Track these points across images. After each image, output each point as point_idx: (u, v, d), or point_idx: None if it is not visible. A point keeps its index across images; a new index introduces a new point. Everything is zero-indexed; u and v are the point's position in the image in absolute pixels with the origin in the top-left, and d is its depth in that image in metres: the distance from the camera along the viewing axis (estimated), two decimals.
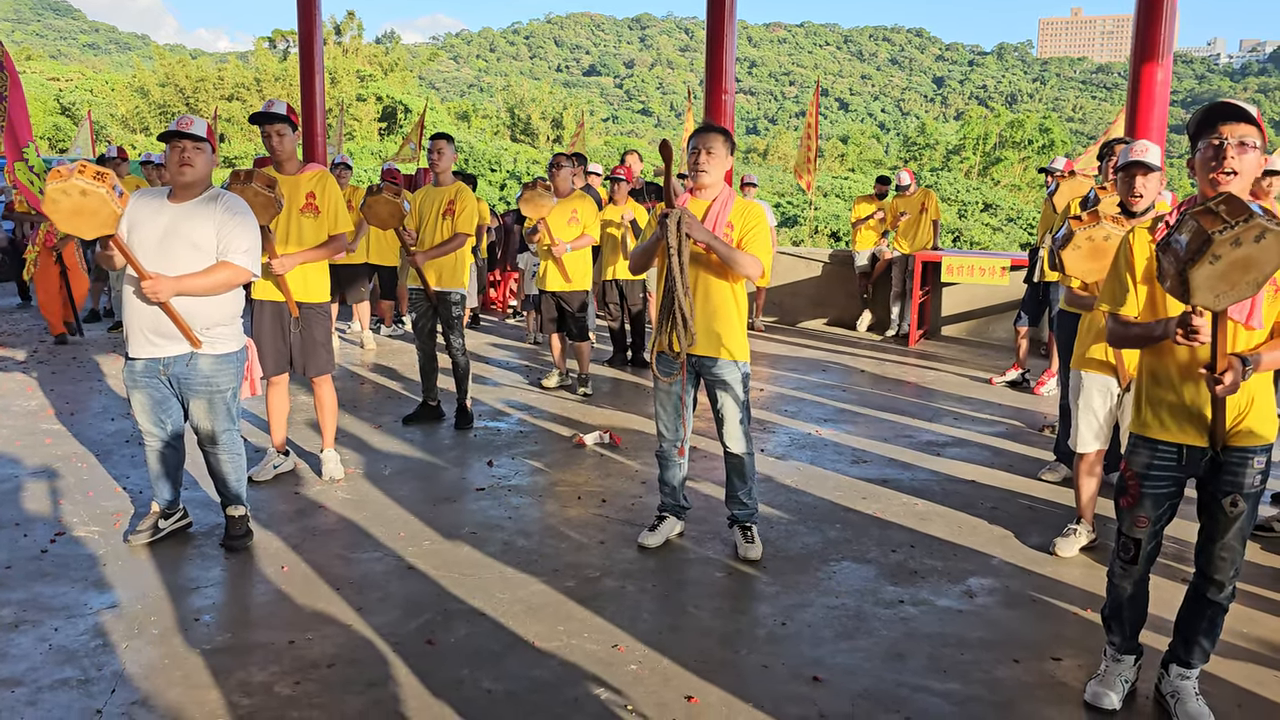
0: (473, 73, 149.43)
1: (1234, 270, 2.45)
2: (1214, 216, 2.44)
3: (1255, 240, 2.41)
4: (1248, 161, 2.74)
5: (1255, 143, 2.74)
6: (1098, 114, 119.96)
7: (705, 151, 4.15)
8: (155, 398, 4.25)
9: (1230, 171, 2.74)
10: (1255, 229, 2.40)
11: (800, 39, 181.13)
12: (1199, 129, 2.82)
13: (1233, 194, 2.49)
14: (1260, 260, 2.43)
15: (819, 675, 3.30)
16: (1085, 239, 4.12)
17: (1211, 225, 2.43)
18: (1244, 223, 2.40)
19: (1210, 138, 2.77)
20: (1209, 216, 2.45)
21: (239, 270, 4.15)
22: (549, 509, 5.01)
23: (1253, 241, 2.41)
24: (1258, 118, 2.77)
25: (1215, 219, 2.44)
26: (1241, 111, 2.75)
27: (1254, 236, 2.40)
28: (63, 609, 3.72)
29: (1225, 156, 2.73)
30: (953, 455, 6.10)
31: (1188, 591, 3.10)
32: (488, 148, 47.31)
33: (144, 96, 48.12)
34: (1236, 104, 2.78)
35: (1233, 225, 2.41)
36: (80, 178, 3.69)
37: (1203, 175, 2.81)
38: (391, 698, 3.13)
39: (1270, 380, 2.94)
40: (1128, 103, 8.48)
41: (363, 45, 57.50)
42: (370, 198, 6.07)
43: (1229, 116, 2.76)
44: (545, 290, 7.58)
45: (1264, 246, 2.42)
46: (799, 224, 39.45)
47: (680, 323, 4.05)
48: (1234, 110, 2.76)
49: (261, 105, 5.24)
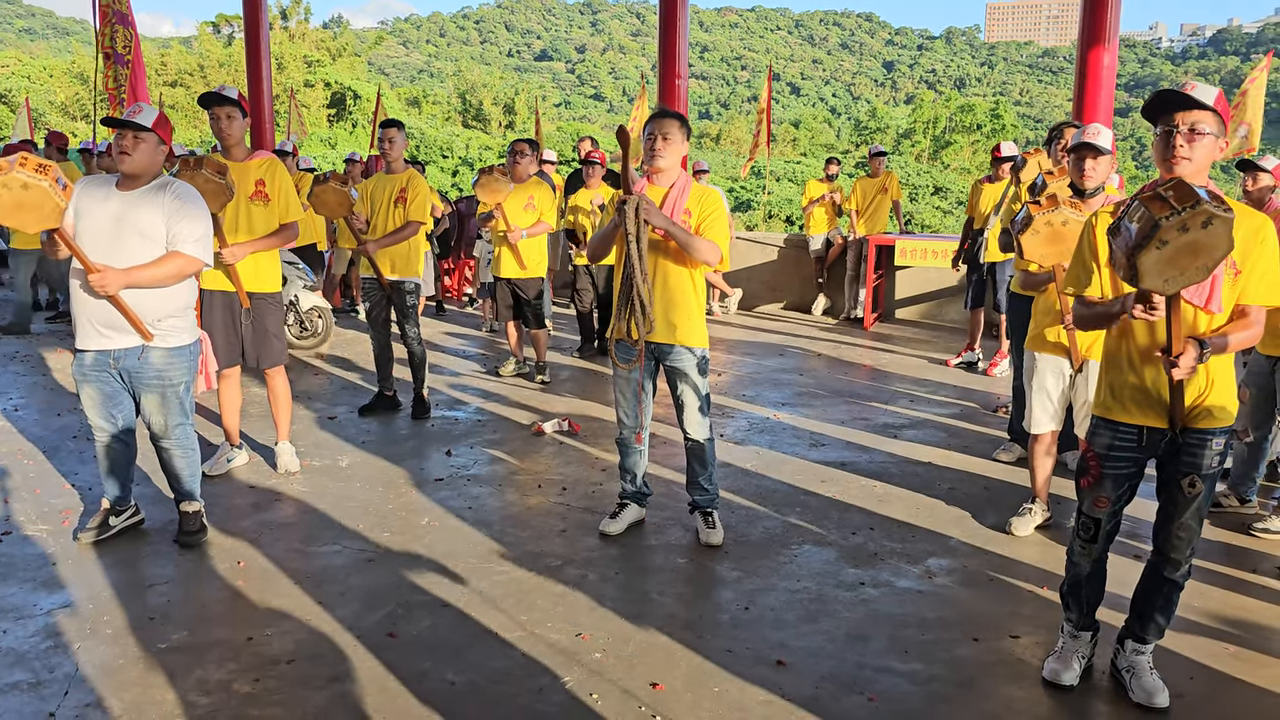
0: (423, 58, 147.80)
1: (1182, 255, 2.47)
2: (1162, 202, 2.47)
3: (1203, 226, 2.44)
4: (1200, 148, 2.77)
5: (1208, 129, 2.77)
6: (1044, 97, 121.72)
7: (661, 137, 4.13)
8: (105, 392, 4.14)
9: (1182, 159, 2.77)
10: (1202, 215, 2.43)
11: (752, 23, 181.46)
12: (1153, 115, 2.85)
13: (1182, 180, 2.51)
14: (1208, 246, 2.46)
15: (782, 659, 3.32)
16: (1044, 224, 4.18)
17: (1159, 211, 2.46)
18: (1191, 209, 2.43)
19: (1163, 124, 2.80)
20: (1157, 202, 2.48)
21: (190, 260, 4.06)
22: (509, 498, 4.98)
23: (1200, 227, 2.44)
24: (1217, 102, 2.79)
25: (1163, 205, 2.46)
26: (1191, 100, 2.77)
27: (1201, 222, 2.43)
28: (11, 610, 3.63)
29: (1174, 145, 2.77)
30: (909, 437, 6.16)
31: (1145, 569, 3.16)
32: (439, 134, 46.83)
33: (84, 83, 46.91)
34: (1185, 92, 2.78)
35: (1180, 211, 2.44)
36: (21, 171, 3.58)
37: (1158, 162, 2.85)
38: (353, 692, 3.09)
39: (1230, 363, 2.98)
40: (1075, 86, 8.59)
41: (309, 30, 56.54)
42: (318, 186, 6.03)
43: (1180, 105, 2.78)
44: (500, 277, 7.53)
45: (1211, 232, 2.44)
46: (753, 209, 39.59)
47: (639, 309, 4.04)
48: (1182, 99, 2.78)
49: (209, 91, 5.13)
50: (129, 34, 8.35)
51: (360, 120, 46.36)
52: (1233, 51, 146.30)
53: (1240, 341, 2.85)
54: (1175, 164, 2.77)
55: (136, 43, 8.50)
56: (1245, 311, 2.88)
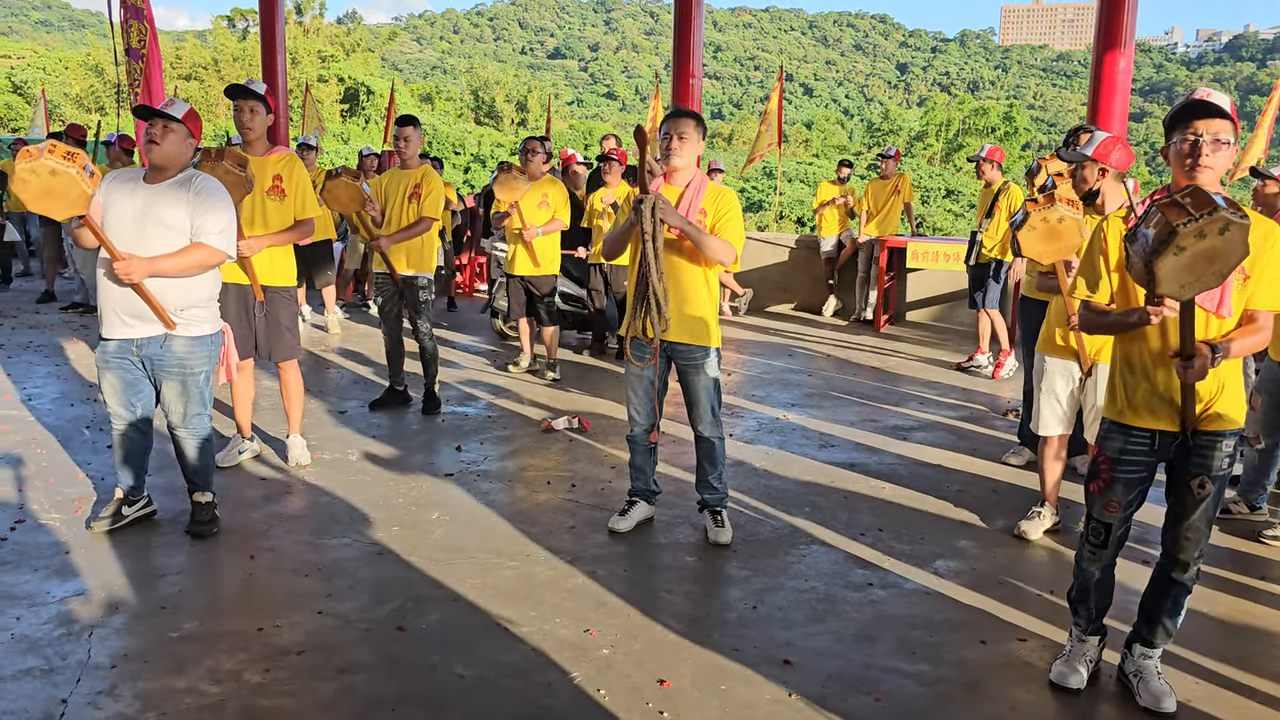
0: (436, 54, 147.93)
1: (1199, 262, 2.50)
2: (1179, 209, 2.50)
3: (1220, 233, 2.46)
4: (1221, 158, 2.82)
5: (1229, 139, 2.82)
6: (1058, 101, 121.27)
7: (677, 137, 4.15)
8: (127, 379, 4.18)
9: (1206, 168, 2.80)
10: (1219, 221, 2.46)
11: (766, 24, 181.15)
12: (1174, 122, 2.88)
13: (1198, 187, 2.56)
14: (1225, 252, 2.49)
15: (789, 658, 3.33)
16: (1040, 220, 4.21)
17: (1177, 218, 2.48)
18: (1209, 215, 2.46)
19: (1186, 133, 2.83)
20: (1175, 209, 2.51)
21: (213, 251, 4.10)
22: (518, 494, 5.00)
23: (1217, 234, 2.46)
24: (1231, 110, 2.83)
25: (1181, 211, 2.49)
26: (1218, 109, 2.81)
27: (1218, 229, 2.46)
28: (24, 598, 3.66)
29: (1201, 154, 2.80)
30: (919, 439, 6.16)
31: (1153, 572, 3.16)
32: (451, 130, 46.92)
33: (99, 75, 47.08)
34: (1213, 102, 2.82)
35: (1198, 218, 2.46)
36: (50, 157, 3.64)
37: (1177, 168, 2.87)
38: (362, 684, 3.11)
39: (1239, 366, 3.01)
40: (1090, 91, 8.55)
41: (324, 25, 56.72)
42: (329, 181, 6.04)
43: (1206, 114, 2.81)
44: (514, 275, 7.55)
45: (1228, 239, 2.47)
46: (764, 209, 39.55)
47: (654, 308, 4.05)
48: (1211, 108, 2.81)
49: (222, 86, 5.18)
50: (143, 28, 8.39)
51: (374, 116, 46.44)
52: (1249, 58, 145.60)
53: (1249, 346, 2.88)
54: (1199, 172, 2.80)
55: (153, 36, 8.54)
56: (1254, 316, 2.92)
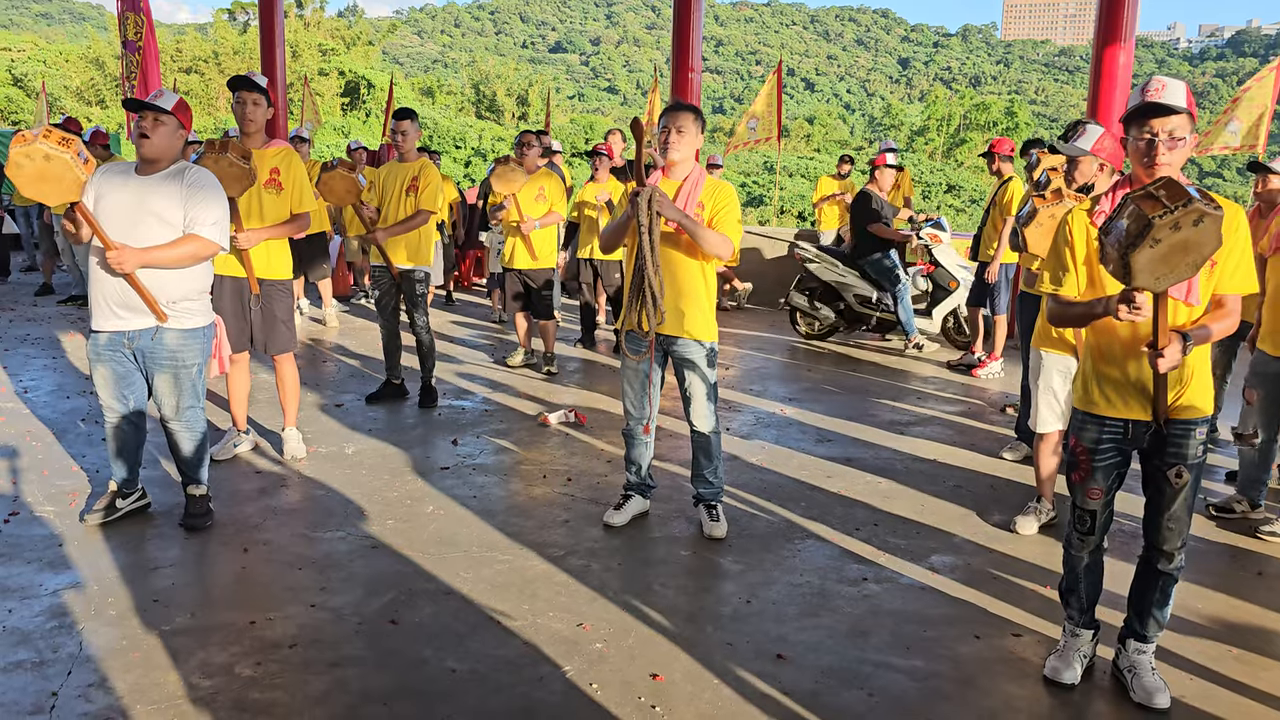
0: (437, 48, 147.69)
1: (1174, 253, 2.53)
2: (1154, 201, 2.53)
3: (1194, 224, 2.50)
4: (1178, 154, 2.85)
5: (1184, 135, 2.84)
6: (1060, 96, 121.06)
7: (676, 130, 4.13)
8: (118, 372, 4.17)
9: (1163, 165, 2.82)
10: (1194, 213, 2.49)
11: (767, 18, 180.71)
12: (1131, 119, 2.90)
13: (1172, 178, 2.59)
14: (1199, 243, 2.53)
15: (783, 653, 3.32)
16: (1048, 216, 4.21)
17: (1152, 210, 2.52)
18: (1183, 207, 2.49)
19: (1143, 131, 2.86)
20: (1149, 201, 2.53)
21: (206, 243, 4.08)
22: (514, 488, 4.99)
23: (1191, 225, 2.50)
24: (1188, 101, 2.84)
25: (1155, 204, 2.52)
26: (1169, 108, 2.82)
27: (1193, 220, 2.50)
28: (17, 590, 3.65)
29: (1157, 153, 2.82)
30: (916, 434, 6.15)
31: (1138, 565, 3.18)
32: (452, 124, 46.82)
33: (99, 68, 47.02)
34: (1165, 102, 2.82)
35: (1172, 210, 2.50)
36: (44, 142, 3.64)
37: (1136, 164, 2.90)
38: (354, 678, 3.11)
39: (1207, 354, 3.03)
40: (1090, 86, 8.56)
41: (324, 18, 56.56)
42: (325, 174, 6.03)
43: (1159, 112, 2.83)
44: (511, 268, 7.53)
45: (1202, 230, 2.51)
46: (764, 204, 39.51)
47: (650, 301, 4.04)
48: (1165, 109, 2.82)
49: (222, 80, 5.16)
50: (140, 20, 8.38)
51: (374, 109, 46.37)
52: (1251, 53, 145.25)
53: (1219, 331, 2.90)
54: (1157, 169, 2.83)
55: (149, 29, 8.53)
56: (1222, 301, 2.94)
